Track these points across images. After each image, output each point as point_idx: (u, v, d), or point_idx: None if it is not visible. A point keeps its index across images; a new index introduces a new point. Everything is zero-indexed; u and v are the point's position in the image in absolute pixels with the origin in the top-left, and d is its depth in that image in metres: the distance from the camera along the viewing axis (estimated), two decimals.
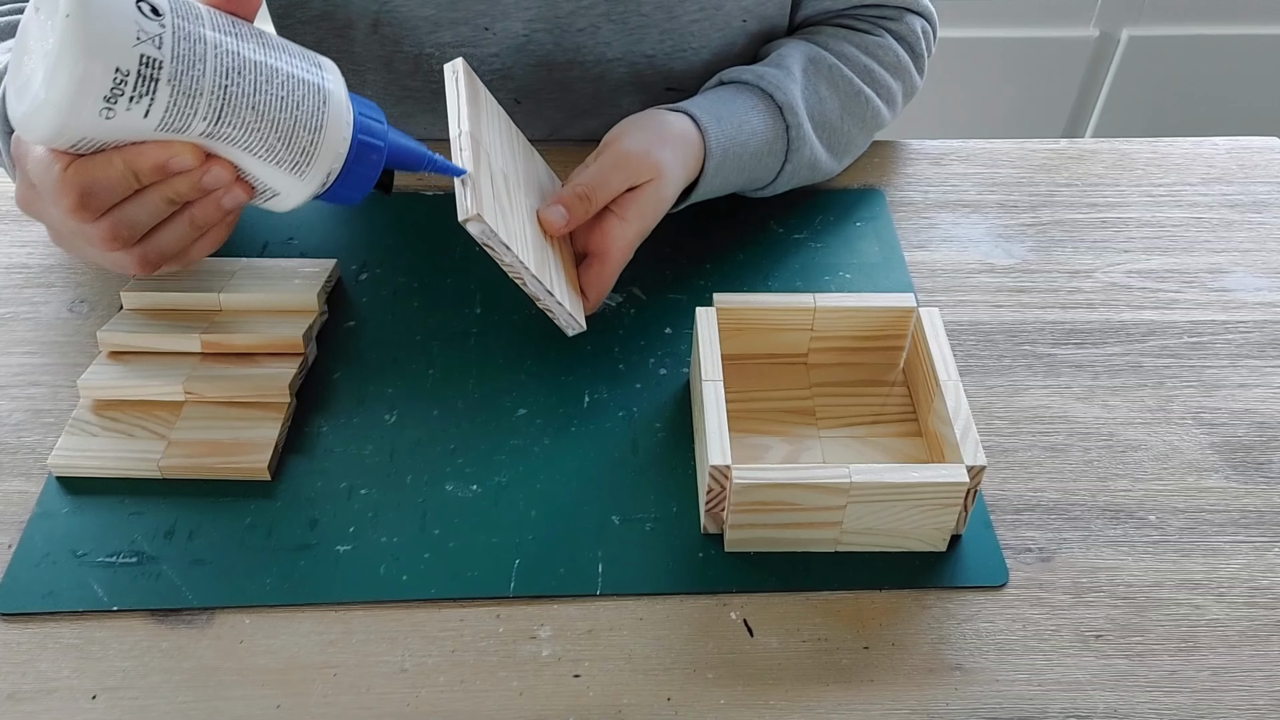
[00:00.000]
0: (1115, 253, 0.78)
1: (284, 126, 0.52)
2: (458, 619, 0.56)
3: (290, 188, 0.55)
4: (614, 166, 0.64)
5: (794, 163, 0.75)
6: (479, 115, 0.62)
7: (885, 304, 0.65)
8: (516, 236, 0.59)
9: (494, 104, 0.66)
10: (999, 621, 0.56)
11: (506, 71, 0.79)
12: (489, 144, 0.61)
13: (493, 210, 0.58)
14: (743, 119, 0.72)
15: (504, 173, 0.62)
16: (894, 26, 0.82)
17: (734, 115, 0.72)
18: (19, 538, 0.59)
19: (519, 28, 0.77)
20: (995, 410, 0.67)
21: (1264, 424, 0.66)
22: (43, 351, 0.69)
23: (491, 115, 0.64)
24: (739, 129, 0.72)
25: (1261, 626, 0.56)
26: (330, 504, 0.61)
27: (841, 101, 0.78)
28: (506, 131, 0.66)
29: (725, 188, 0.74)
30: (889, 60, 0.80)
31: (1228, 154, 0.87)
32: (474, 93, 0.62)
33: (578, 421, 0.65)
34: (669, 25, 0.77)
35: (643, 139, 0.66)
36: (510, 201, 0.61)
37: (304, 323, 0.67)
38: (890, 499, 0.55)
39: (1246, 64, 1.71)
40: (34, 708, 0.52)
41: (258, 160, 0.53)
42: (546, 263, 0.61)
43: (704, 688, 0.53)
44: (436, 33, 0.77)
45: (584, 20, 0.77)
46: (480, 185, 0.58)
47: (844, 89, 0.78)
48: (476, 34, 0.77)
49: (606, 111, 0.83)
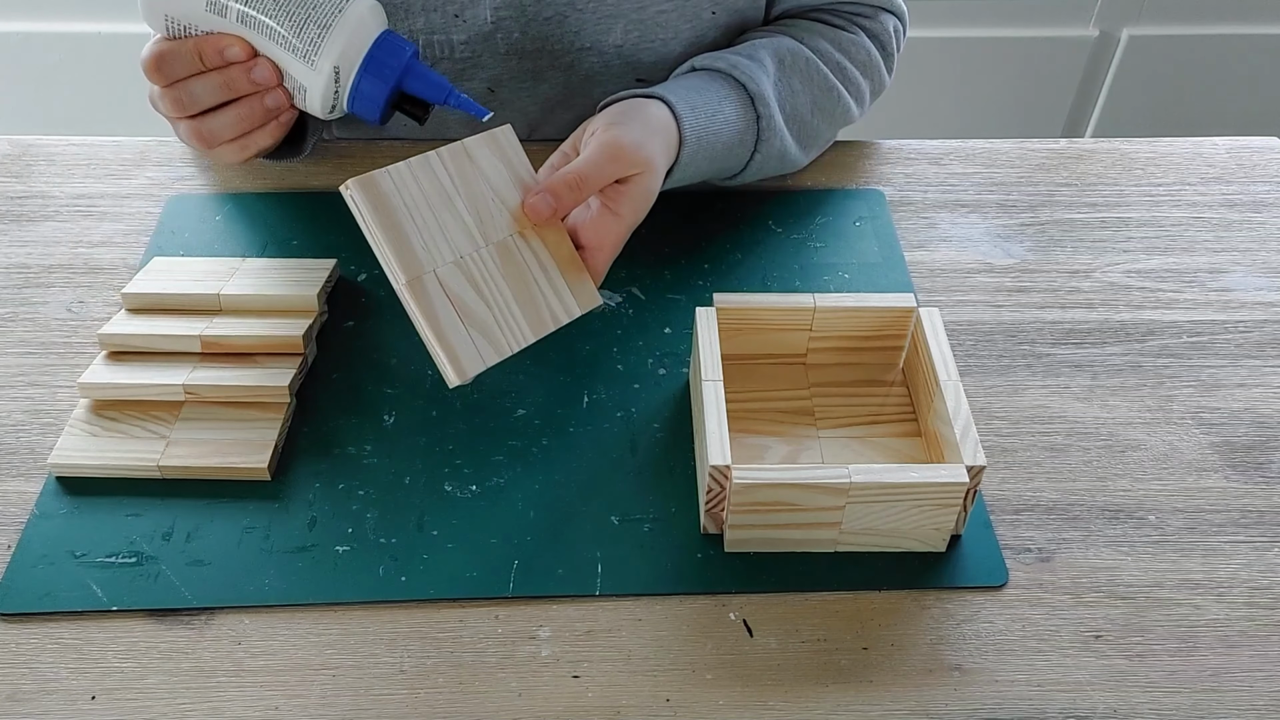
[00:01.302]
0: (1115, 252, 0.78)
1: (298, 16, 0.61)
2: (456, 620, 0.56)
3: (307, 79, 0.62)
4: (609, 158, 0.63)
5: (763, 153, 0.76)
6: (402, 233, 0.57)
7: (885, 304, 0.65)
8: (507, 326, 0.59)
9: (427, 163, 0.59)
10: (999, 622, 0.56)
11: (477, 60, 0.80)
12: (432, 249, 0.58)
13: (472, 352, 0.57)
14: (715, 108, 0.72)
15: (463, 257, 0.58)
16: (868, 24, 0.82)
17: (708, 104, 0.72)
18: (18, 538, 0.59)
19: (487, 14, 0.77)
20: (995, 410, 0.67)
21: (1264, 424, 0.66)
22: (42, 351, 0.69)
23: (421, 191, 0.59)
24: (712, 118, 0.72)
25: (1261, 626, 0.56)
26: (329, 504, 0.61)
27: (813, 96, 0.78)
28: (450, 184, 0.60)
29: (695, 176, 0.74)
30: (860, 58, 0.81)
31: (1228, 154, 0.87)
32: (385, 210, 0.57)
33: (576, 422, 0.65)
34: (636, 16, 0.78)
35: (635, 131, 0.66)
36: (483, 276, 0.59)
37: (304, 323, 0.67)
38: (890, 499, 0.55)
39: (1246, 64, 1.71)
40: (33, 708, 0.52)
41: (273, 43, 0.62)
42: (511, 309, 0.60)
43: (703, 688, 0.53)
44: (408, 19, 0.77)
45: (550, 9, 0.77)
46: (449, 338, 0.56)
47: (816, 83, 0.78)
48: (447, 21, 0.77)
49: (579, 104, 0.83)
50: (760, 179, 0.80)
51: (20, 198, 0.81)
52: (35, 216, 0.79)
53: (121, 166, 0.84)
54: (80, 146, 0.86)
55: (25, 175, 0.83)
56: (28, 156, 0.85)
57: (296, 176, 0.82)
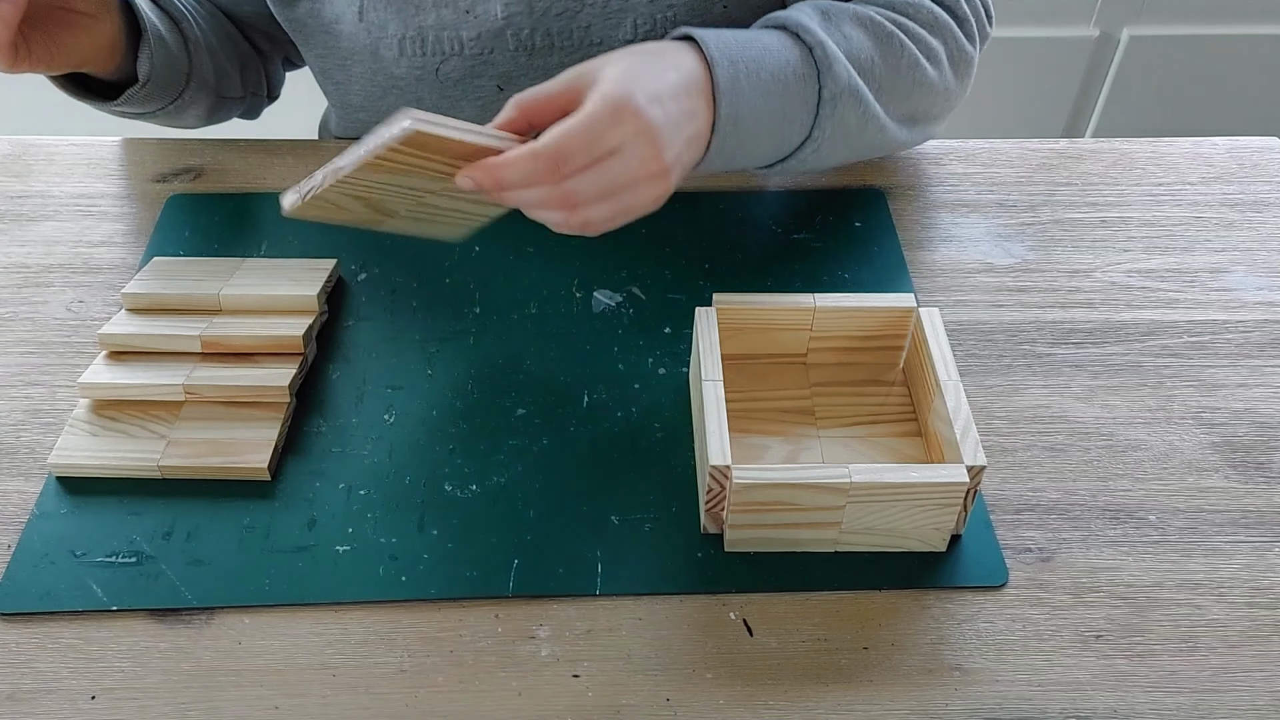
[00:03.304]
0: (1115, 252, 0.78)
1: None
2: (456, 619, 0.56)
3: None
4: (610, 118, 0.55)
5: (831, 90, 0.65)
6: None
7: (885, 304, 0.65)
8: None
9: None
10: (999, 622, 0.56)
11: (487, 56, 0.80)
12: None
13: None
14: (749, 37, 0.64)
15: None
16: None
17: (737, 36, 0.64)
18: (18, 538, 0.59)
19: (498, 10, 0.77)
20: (995, 410, 0.67)
21: (1264, 424, 0.66)
22: (42, 351, 0.69)
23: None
24: (746, 45, 0.63)
25: (1261, 626, 0.56)
26: (329, 504, 0.61)
27: (874, 44, 0.68)
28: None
29: (758, 118, 0.63)
30: (924, 17, 0.71)
31: (1228, 154, 0.87)
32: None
33: (577, 421, 0.65)
34: (647, 10, 0.77)
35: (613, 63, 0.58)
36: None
37: (304, 323, 0.67)
38: (890, 499, 0.55)
39: (1246, 64, 1.71)
40: (33, 708, 0.52)
41: None
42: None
43: (703, 688, 0.53)
44: (419, 15, 0.77)
45: (561, 5, 0.77)
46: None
47: (872, 30, 0.68)
48: (457, 16, 0.77)
49: None
50: (851, 155, 0.72)
51: (20, 197, 0.81)
52: (35, 216, 0.79)
53: (121, 166, 0.84)
54: (80, 146, 0.86)
55: (25, 175, 0.83)
56: (28, 156, 0.85)
57: (296, 177, 0.82)
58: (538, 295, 0.73)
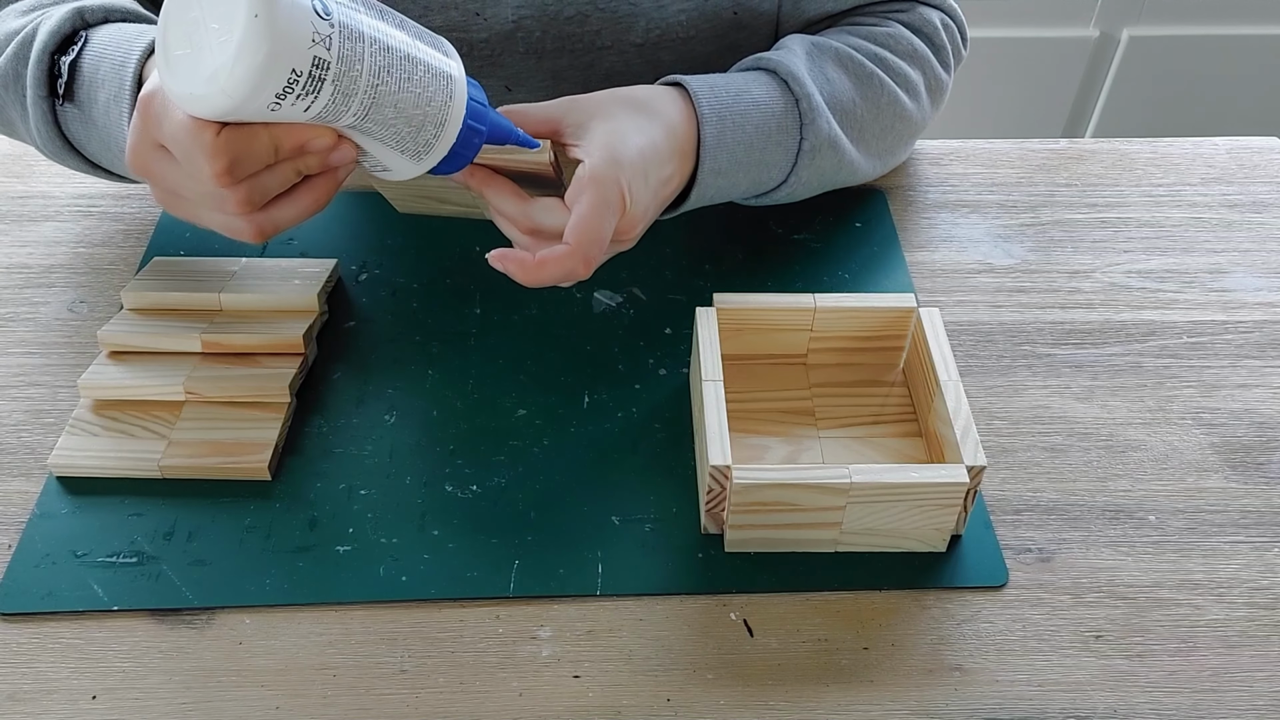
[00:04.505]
0: (1115, 253, 0.78)
1: (415, 122, 0.53)
2: (457, 620, 0.56)
3: (403, 168, 0.56)
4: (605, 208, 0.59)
5: (812, 142, 0.69)
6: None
7: (885, 304, 0.65)
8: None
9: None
10: (999, 622, 0.56)
11: (496, 59, 0.79)
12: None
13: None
14: (741, 87, 0.67)
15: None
16: (904, 17, 0.78)
17: (730, 85, 0.67)
18: (19, 538, 0.59)
19: (508, 14, 0.77)
20: (995, 410, 0.67)
21: (1264, 424, 0.66)
22: (43, 351, 0.69)
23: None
24: (737, 98, 0.67)
25: (1261, 626, 0.56)
26: (330, 504, 0.61)
27: (854, 84, 0.72)
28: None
29: (736, 168, 0.68)
30: (903, 48, 0.75)
31: (1228, 154, 0.87)
32: None
33: (577, 422, 0.65)
34: (657, 15, 0.77)
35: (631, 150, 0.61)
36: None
37: (304, 323, 0.67)
38: (890, 499, 0.55)
39: (1246, 64, 1.71)
40: (34, 708, 0.52)
41: (381, 145, 0.54)
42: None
43: (704, 688, 0.53)
44: (427, 16, 0.77)
45: (572, 9, 0.77)
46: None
47: (853, 70, 0.72)
48: (467, 19, 0.77)
49: None
50: (820, 190, 0.75)
51: (21, 198, 0.81)
52: (36, 216, 0.79)
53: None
54: None
55: (26, 175, 0.83)
56: (29, 156, 0.85)
57: None
58: (538, 295, 0.73)
